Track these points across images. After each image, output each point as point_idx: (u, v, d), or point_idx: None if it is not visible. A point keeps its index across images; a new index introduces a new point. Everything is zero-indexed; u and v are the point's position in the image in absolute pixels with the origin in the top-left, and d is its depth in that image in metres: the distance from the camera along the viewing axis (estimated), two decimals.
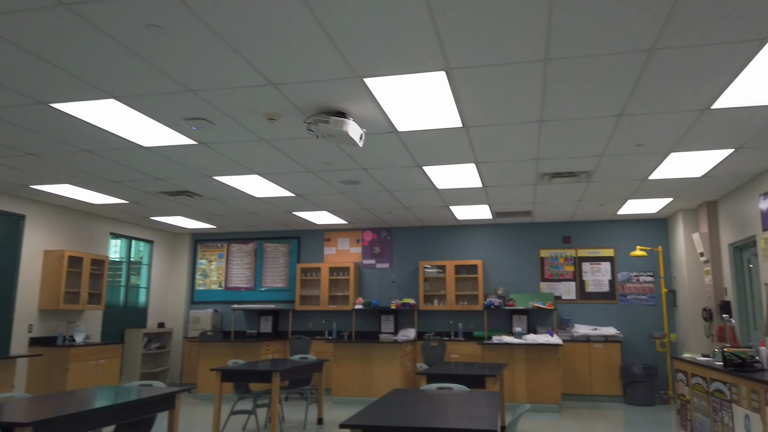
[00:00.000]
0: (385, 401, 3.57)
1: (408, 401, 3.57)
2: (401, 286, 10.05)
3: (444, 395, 3.86)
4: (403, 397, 3.79)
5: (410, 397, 3.78)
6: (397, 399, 3.68)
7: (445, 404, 3.45)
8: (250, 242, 10.70)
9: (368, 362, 8.40)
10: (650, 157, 5.76)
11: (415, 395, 3.86)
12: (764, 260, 6.35)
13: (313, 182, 6.83)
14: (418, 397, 3.78)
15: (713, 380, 3.85)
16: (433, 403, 3.47)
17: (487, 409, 3.28)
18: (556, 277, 9.52)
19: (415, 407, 3.32)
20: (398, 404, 3.44)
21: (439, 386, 4.27)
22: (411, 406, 3.35)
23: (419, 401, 3.57)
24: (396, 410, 3.20)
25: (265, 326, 10.22)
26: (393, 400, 3.64)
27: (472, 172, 6.37)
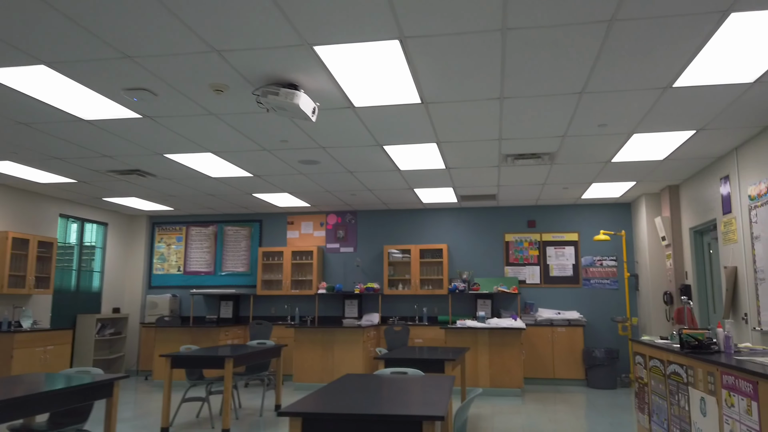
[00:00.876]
0: (334, 387, 3.40)
1: (358, 387, 3.41)
2: (365, 270, 9.88)
3: (397, 380, 3.70)
4: (354, 382, 3.62)
5: (361, 382, 3.62)
6: (346, 384, 3.51)
7: (396, 390, 3.29)
8: (210, 225, 10.37)
9: (330, 347, 8.23)
10: (613, 139, 5.68)
11: (367, 380, 3.70)
12: (724, 243, 6.36)
13: (271, 161, 6.57)
14: (370, 382, 3.62)
15: (670, 363, 3.78)
16: (382, 389, 3.32)
17: (438, 394, 3.14)
18: (520, 261, 9.47)
19: (363, 393, 3.16)
20: (346, 390, 3.27)
21: (394, 371, 4.12)
22: (359, 392, 3.19)
23: (369, 387, 3.41)
24: (342, 396, 3.03)
25: (225, 311, 9.95)
26: (342, 385, 3.48)
27: (435, 153, 6.20)
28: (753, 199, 5.62)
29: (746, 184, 5.79)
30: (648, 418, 4.36)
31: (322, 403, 2.81)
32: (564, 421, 6.15)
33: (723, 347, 3.45)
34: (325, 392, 3.19)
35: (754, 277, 5.62)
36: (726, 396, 2.83)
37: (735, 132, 5.47)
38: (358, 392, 3.19)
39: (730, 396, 2.78)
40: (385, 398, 2.98)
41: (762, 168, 5.45)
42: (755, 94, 4.49)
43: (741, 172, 5.91)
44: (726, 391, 2.82)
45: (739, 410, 2.69)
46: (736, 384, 2.74)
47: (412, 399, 2.95)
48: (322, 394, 3.11)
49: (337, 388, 3.37)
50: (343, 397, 3.00)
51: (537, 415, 6.43)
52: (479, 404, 7.11)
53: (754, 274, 5.59)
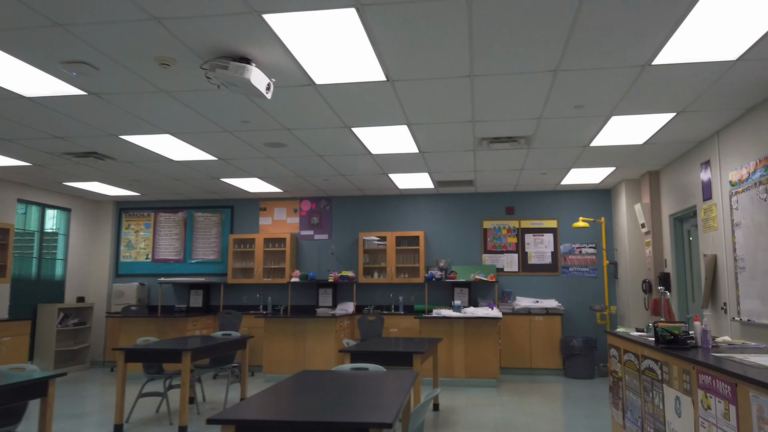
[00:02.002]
0: (285, 385, 3.13)
1: (311, 385, 3.14)
2: (340, 258, 9.60)
3: (354, 377, 3.44)
4: (309, 380, 3.35)
5: (316, 380, 3.35)
6: (300, 383, 3.24)
7: (350, 389, 3.03)
8: (179, 211, 10.01)
9: (302, 338, 7.96)
10: (591, 121, 5.43)
11: (324, 378, 3.43)
12: (704, 231, 6.17)
13: (234, 144, 6.24)
14: (326, 380, 3.36)
15: (645, 358, 3.57)
16: (336, 388, 3.05)
17: (393, 395, 2.88)
18: (498, 249, 9.26)
19: (314, 393, 2.89)
20: (298, 389, 3.01)
21: (354, 366, 3.86)
22: (310, 392, 2.92)
23: (323, 386, 3.14)
24: (290, 397, 2.77)
25: (195, 301, 9.63)
26: (295, 383, 3.21)
27: (406, 136, 5.91)
28: (734, 184, 5.42)
29: (727, 169, 5.59)
30: (622, 414, 4.17)
31: (263, 407, 2.54)
32: (539, 413, 5.96)
33: (700, 342, 3.23)
34: (274, 392, 2.92)
35: (734, 265, 5.43)
36: (702, 397, 2.61)
37: (716, 115, 5.25)
38: (309, 392, 2.92)
39: (706, 397, 2.56)
40: (335, 400, 2.72)
41: (744, 153, 5.24)
42: (737, 74, 4.25)
43: (722, 157, 5.71)
44: (702, 392, 2.60)
45: (716, 413, 2.47)
46: (713, 385, 2.52)
47: (363, 402, 2.69)
48: (268, 395, 2.84)
49: (289, 386, 3.11)
50: (291, 399, 2.73)
51: (512, 408, 6.23)
52: (453, 396, 6.91)
53: (734, 263, 5.41)
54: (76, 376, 8.52)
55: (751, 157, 5.08)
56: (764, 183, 4.84)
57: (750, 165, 5.10)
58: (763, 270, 4.86)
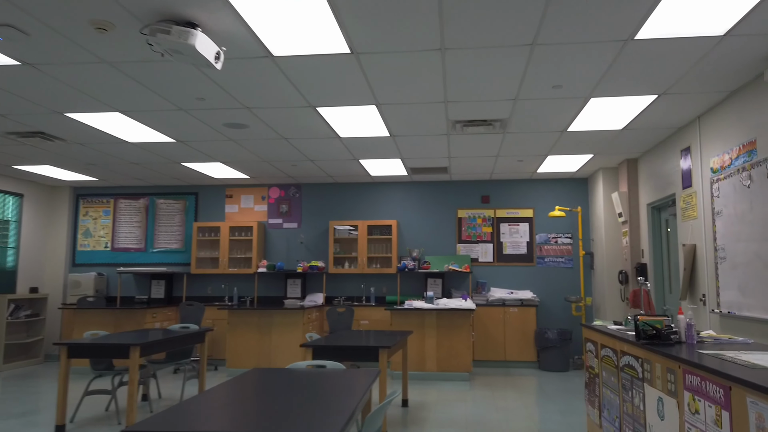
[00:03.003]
0: (227, 387, 2.79)
1: (256, 387, 2.81)
2: (310, 247, 9.25)
3: (308, 377, 3.12)
4: (256, 380, 3.02)
5: (265, 380, 3.02)
6: (245, 383, 2.90)
7: (299, 392, 2.70)
8: (140, 198, 9.53)
9: (267, 331, 7.61)
10: (569, 103, 5.15)
11: (273, 377, 3.10)
12: (683, 220, 5.96)
13: (191, 124, 5.83)
14: (275, 380, 3.02)
15: (624, 353, 3.30)
16: (283, 391, 2.72)
17: (347, 398, 2.56)
18: (473, 239, 8.99)
19: (257, 397, 2.56)
20: (238, 393, 2.67)
21: (311, 364, 3.54)
22: (253, 396, 2.59)
23: (269, 388, 2.81)
24: (226, 403, 2.43)
25: (156, 292, 9.19)
26: (239, 385, 2.87)
27: (375, 117, 5.57)
28: (715, 171, 5.21)
29: (708, 156, 5.37)
30: (598, 413, 3.92)
31: (191, 415, 2.20)
32: (512, 409, 5.72)
33: (684, 337, 2.97)
34: (213, 394, 2.58)
35: (714, 255, 5.23)
36: (689, 400, 2.34)
37: (699, 98, 5.01)
38: (253, 395, 2.59)
39: (694, 400, 2.30)
40: (279, 406, 2.39)
41: (726, 138, 5.02)
42: (723, 51, 4.00)
43: (703, 143, 5.49)
44: (689, 394, 2.33)
45: (706, 419, 2.20)
46: (702, 387, 2.25)
47: (304, 411, 2.37)
48: (205, 398, 2.50)
49: (233, 388, 2.77)
50: (228, 404, 2.40)
51: (484, 403, 5.98)
52: (424, 391, 6.64)
53: (714, 252, 5.21)
54: (27, 371, 8.05)
55: (734, 142, 4.86)
56: (747, 169, 4.62)
57: (732, 151, 4.88)
58: (745, 260, 4.65)
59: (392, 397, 2.52)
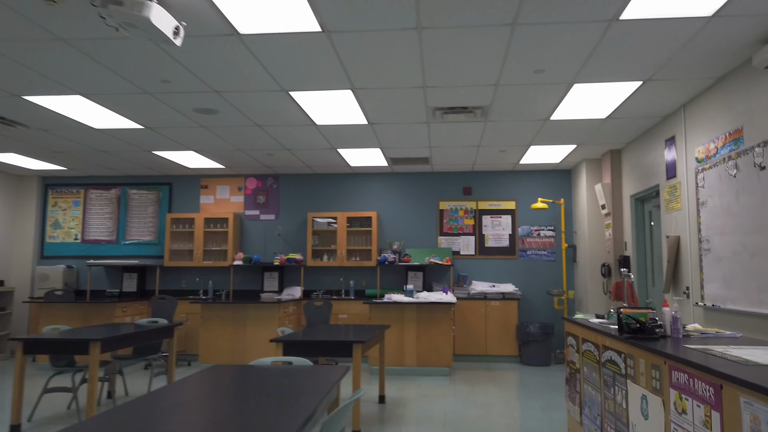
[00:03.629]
0: (180, 386, 2.57)
1: (212, 387, 2.59)
2: (288, 239, 9.01)
3: (271, 375, 2.91)
4: (214, 378, 2.80)
5: (223, 378, 2.80)
6: (199, 383, 2.69)
7: (257, 393, 2.49)
8: (112, 188, 9.21)
9: (242, 325, 7.37)
10: (552, 90, 4.97)
11: (233, 376, 2.89)
12: (667, 211, 5.83)
13: (158, 109, 5.56)
14: (235, 378, 2.81)
15: (606, 348, 3.13)
16: (239, 392, 2.51)
17: (309, 399, 2.36)
18: (455, 231, 8.82)
19: (204, 399, 2.35)
20: (192, 393, 2.45)
21: (276, 360, 3.32)
22: (201, 398, 2.37)
23: (227, 386, 2.60)
24: (177, 403, 2.21)
25: (128, 285, 8.89)
26: (197, 382, 2.65)
27: (352, 103, 5.35)
28: (700, 161, 5.07)
29: (693, 145, 5.23)
30: (579, 410, 3.76)
31: (123, 419, 1.98)
32: (492, 405, 5.56)
33: (670, 331, 2.81)
34: (158, 396, 2.36)
35: (698, 247, 5.10)
36: (676, 398, 2.17)
37: (684, 85, 4.86)
38: (204, 396, 2.38)
39: (681, 399, 2.13)
40: (226, 409, 2.18)
41: (711, 127, 4.88)
42: (711, 34, 3.84)
43: (688, 132, 5.35)
44: (676, 392, 2.17)
45: (694, 419, 2.03)
46: (690, 385, 2.08)
47: (259, 412, 2.16)
48: (146, 401, 2.28)
49: (187, 387, 2.55)
50: (174, 406, 2.18)
51: (463, 399, 5.82)
52: (403, 386, 6.46)
53: (699, 244, 5.08)
54: None
55: (720, 130, 4.72)
56: (734, 158, 4.49)
57: (718, 140, 4.74)
58: (731, 251, 4.52)
59: (355, 397, 2.33)
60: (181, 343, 8.27)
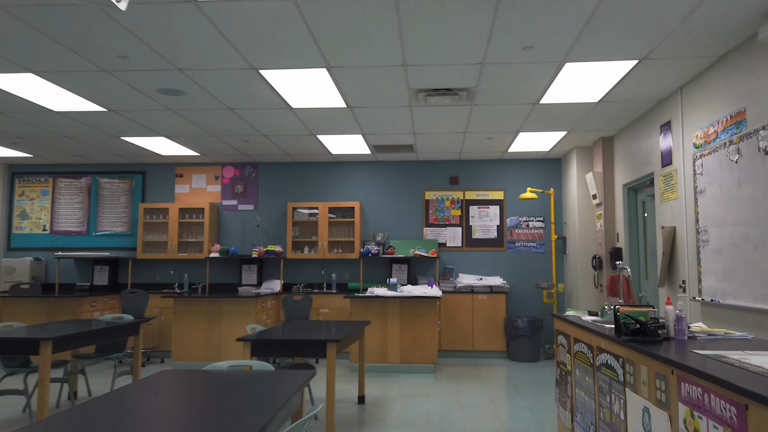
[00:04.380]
0: (105, 400, 2.22)
1: (145, 398, 2.24)
2: (267, 230, 8.64)
3: (223, 382, 2.56)
4: (158, 386, 2.45)
5: (167, 386, 2.45)
6: (135, 393, 2.33)
7: (196, 406, 2.15)
8: (82, 177, 8.77)
9: (216, 320, 7.01)
10: (542, 69, 4.63)
11: (180, 383, 2.53)
12: (662, 201, 5.53)
13: (119, 89, 5.15)
14: (180, 386, 2.46)
15: (601, 350, 2.81)
16: (177, 404, 2.16)
17: (255, 416, 2.02)
18: (441, 222, 8.49)
19: (134, 413, 2.00)
20: (118, 407, 2.10)
21: (233, 364, 2.97)
22: (132, 412, 2.02)
23: (163, 399, 2.25)
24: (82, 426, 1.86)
25: (100, 278, 8.49)
26: (127, 395, 2.30)
27: (328, 83, 4.98)
28: (698, 146, 4.76)
29: (691, 130, 4.92)
30: (570, 416, 3.45)
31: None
32: (478, 405, 5.25)
33: (673, 332, 2.49)
34: (82, 411, 2.01)
35: (695, 238, 4.80)
36: (686, 415, 1.86)
37: (683, 64, 4.54)
38: (137, 409, 2.02)
39: (692, 416, 1.81)
40: (164, 424, 1.83)
41: (711, 110, 4.57)
42: (713, 6, 3.51)
43: (685, 116, 5.04)
44: (686, 408, 1.85)
45: None
46: (704, 401, 1.76)
47: (201, 429, 1.81)
48: (79, 412, 1.93)
49: (119, 398, 2.20)
50: (94, 425, 1.83)
51: (448, 398, 5.51)
52: (385, 384, 6.14)
53: (696, 235, 4.78)
54: None
55: (721, 113, 4.41)
56: (735, 142, 4.18)
57: (718, 123, 4.43)
58: (731, 243, 4.22)
59: (314, 411, 1.99)
60: (154, 339, 7.90)
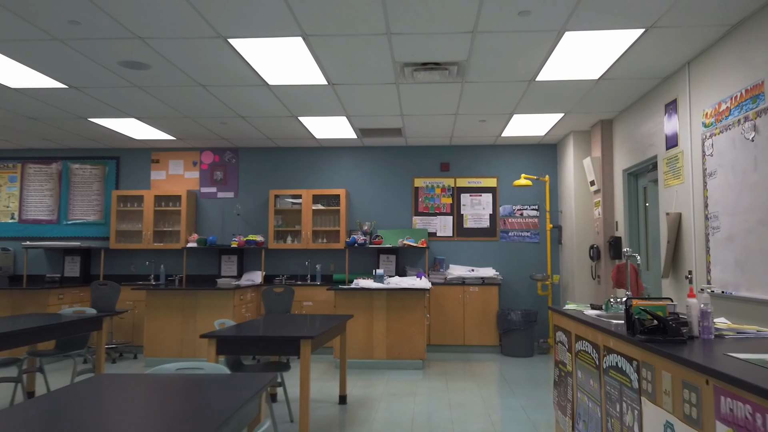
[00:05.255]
0: (21, 410, 1.81)
1: (79, 404, 1.83)
2: (248, 219, 8.21)
3: (169, 386, 2.15)
4: (96, 389, 2.04)
5: (103, 390, 2.04)
6: (58, 402, 1.92)
7: (138, 413, 1.74)
8: (52, 162, 8.30)
9: (191, 314, 6.60)
10: (539, 39, 4.22)
11: (121, 386, 2.12)
12: (666, 186, 5.15)
13: (77, 61, 4.70)
14: (119, 391, 2.05)
15: (609, 351, 2.42)
16: (114, 411, 1.75)
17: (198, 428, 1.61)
18: (431, 211, 8.09)
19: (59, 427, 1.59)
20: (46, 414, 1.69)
21: (180, 366, 2.56)
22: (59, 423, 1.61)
23: (102, 404, 1.84)
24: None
25: (71, 269, 8.04)
26: (59, 399, 1.89)
27: (305, 55, 4.55)
28: (708, 125, 4.38)
29: (699, 108, 4.53)
30: (571, 422, 3.07)
31: None
32: (468, 405, 4.88)
33: (697, 330, 2.11)
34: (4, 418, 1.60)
35: (704, 225, 4.42)
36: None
37: (692, 34, 4.14)
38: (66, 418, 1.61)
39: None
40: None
41: (723, 84, 4.18)
42: None
43: (693, 93, 4.65)
44: (729, 430, 1.47)
45: None
46: (754, 422, 1.37)
47: None
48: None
49: (53, 400, 1.79)
50: None
51: (437, 397, 5.13)
52: (370, 382, 5.76)
53: (705, 222, 4.40)
54: None
55: (734, 87, 4.02)
56: (752, 118, 3.79)
57: (731, 99, 4.04)
58: (745, 229, 3.85)
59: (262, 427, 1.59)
60: (127, 334, 7.47)
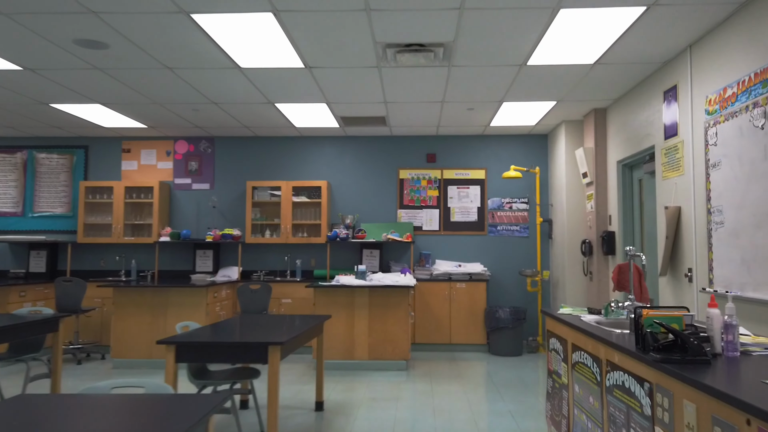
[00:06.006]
0: None
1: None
2: (224, 212, 7.82)
3: (99, 410, 1.80)
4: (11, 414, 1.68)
5: (20, 415, 1.68)
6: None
7: None
8: (16, 151, 7.84)
9: (162, 313, 6.22)
10: (532, 16, 3.88)
11: (41, 409, 1.76)
12: (664, 178, 4.85)
13: (27, 39, 4.28)
14: (38, 416, 1.69)
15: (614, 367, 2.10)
16: None
17: None
18: (417, 204, 7.76)
19: None
20: None
21: (116, 385, 2.21)
22: None
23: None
24: None
25: (36, 264, 7.61)
26: None
27: (278, 34, 4.18)
28: (712, 113, 4.07)
29: (702, 94, 4.22)
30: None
31: None
32: (454, 411, 4.56)
33: (720, 347, 1.79)
34: None
35: (706, 220, 4.13)
36: None
37: (696, 14, 3.82)
38: None
39: None
40: None
41: (729, 68, 3.87)
42: None
43: (695, 79, 4.34)
44: None
45: None
46: None
47: None
48: None
49: None
50: None
51: (420, 402, 4.81)
52: (351, 385, 5.43)
53: (707, 216, 4.10)
54: None
55: (741, 72, 3.71)
56: (761, 104, 3.48)
57: (738, 84, 3.73)
58: (753, 225, 3.55)
59: None
60: (95, 333, 7.08)
